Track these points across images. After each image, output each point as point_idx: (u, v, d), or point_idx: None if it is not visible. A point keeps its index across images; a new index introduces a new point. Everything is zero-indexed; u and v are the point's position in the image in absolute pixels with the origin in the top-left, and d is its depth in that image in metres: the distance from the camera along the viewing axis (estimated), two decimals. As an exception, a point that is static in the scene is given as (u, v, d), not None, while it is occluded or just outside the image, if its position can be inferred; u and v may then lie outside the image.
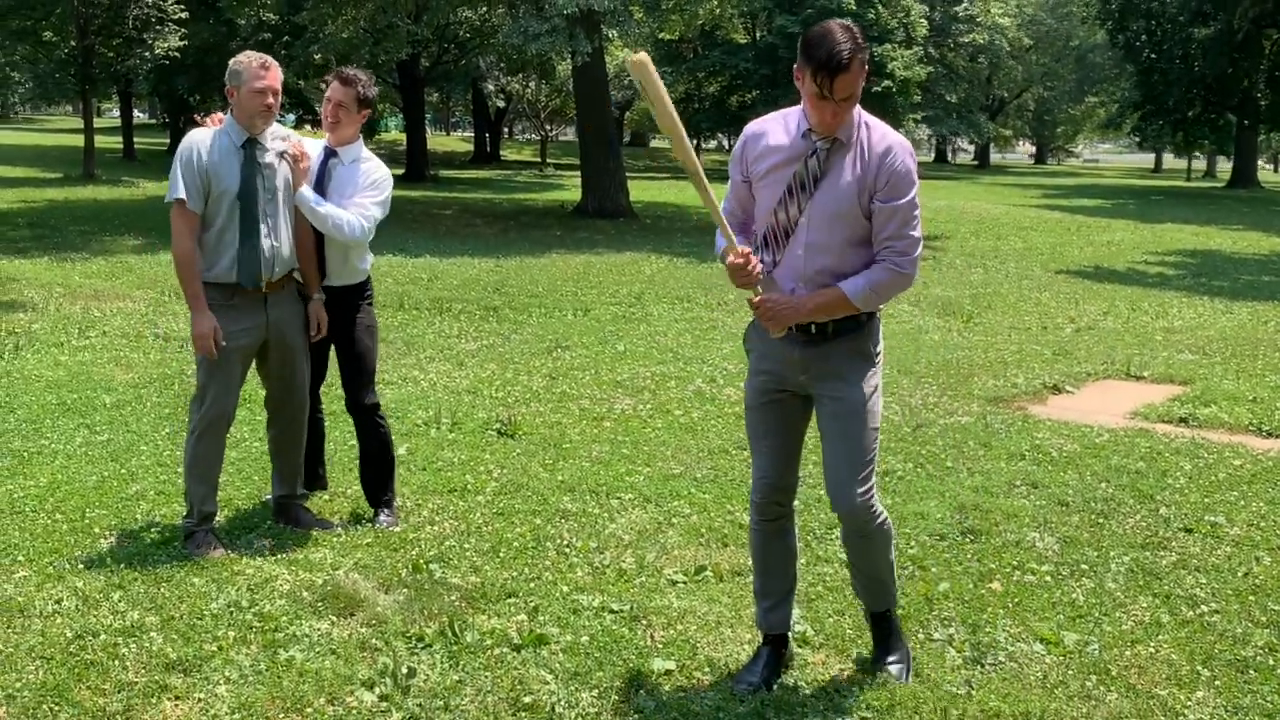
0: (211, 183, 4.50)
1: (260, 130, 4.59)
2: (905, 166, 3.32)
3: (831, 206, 3.32)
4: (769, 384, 3.54)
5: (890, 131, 3.39)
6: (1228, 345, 9.99)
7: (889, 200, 3.31)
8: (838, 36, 3.15)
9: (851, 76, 3.15)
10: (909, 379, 8.25)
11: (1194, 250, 19.90)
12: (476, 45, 33.59)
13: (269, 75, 4.53)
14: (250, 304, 4.62)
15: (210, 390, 4.62)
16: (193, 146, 4.51)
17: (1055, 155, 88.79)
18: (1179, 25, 39.94)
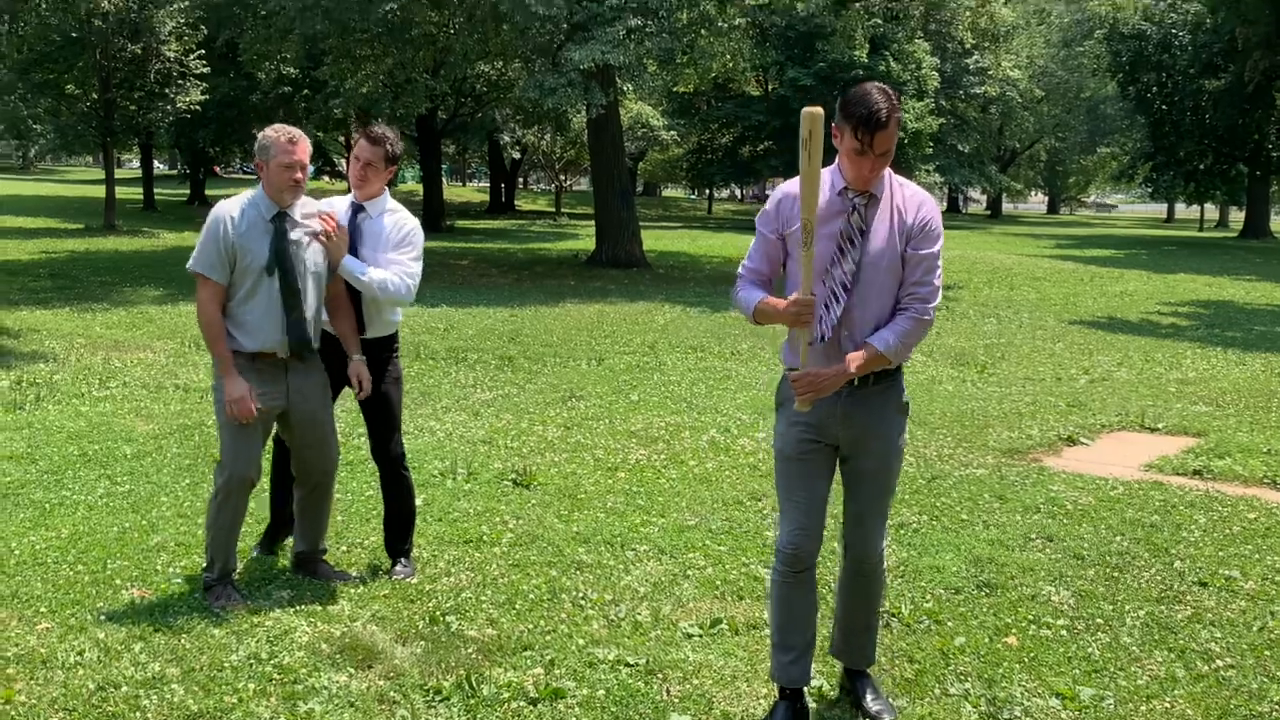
0: (239, 255, 4.52)
1: (289, 204, 4.62)
2: (936, 219, 3.56)
3: (880, 260, 3.51)
4: (807, 435, 3.64)
5: (918, 188, 3.64)
6: (1241, 397, 9.99)
7: (918, 249, 3.52)
8: (876, 97, 3.38)
9: (889, 133, 3.39)
10: (923, 430, 8.27)
11: (1207, 301, 19.91)
12: (493, 99, 33.95)
13: (297, 150, 4.56)
14: (271, 371, 4.64)
15: (231, 455, 4.62)
16: (221, 219, 4.53)
17: (1067, 205, 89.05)
18: (1189, 77, 40.18)
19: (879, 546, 3.76)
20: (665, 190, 78.03)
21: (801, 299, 3.45)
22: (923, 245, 3.52)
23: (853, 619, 3.88)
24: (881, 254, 3.50)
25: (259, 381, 4.59)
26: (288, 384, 4.68)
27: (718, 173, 46.08)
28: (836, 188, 3.53)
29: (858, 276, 3.50)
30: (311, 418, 4.76)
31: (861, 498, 3.69)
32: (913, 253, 3.52)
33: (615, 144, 22.78)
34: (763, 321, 3.66)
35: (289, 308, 4.57)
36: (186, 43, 27.76)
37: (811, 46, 37.50)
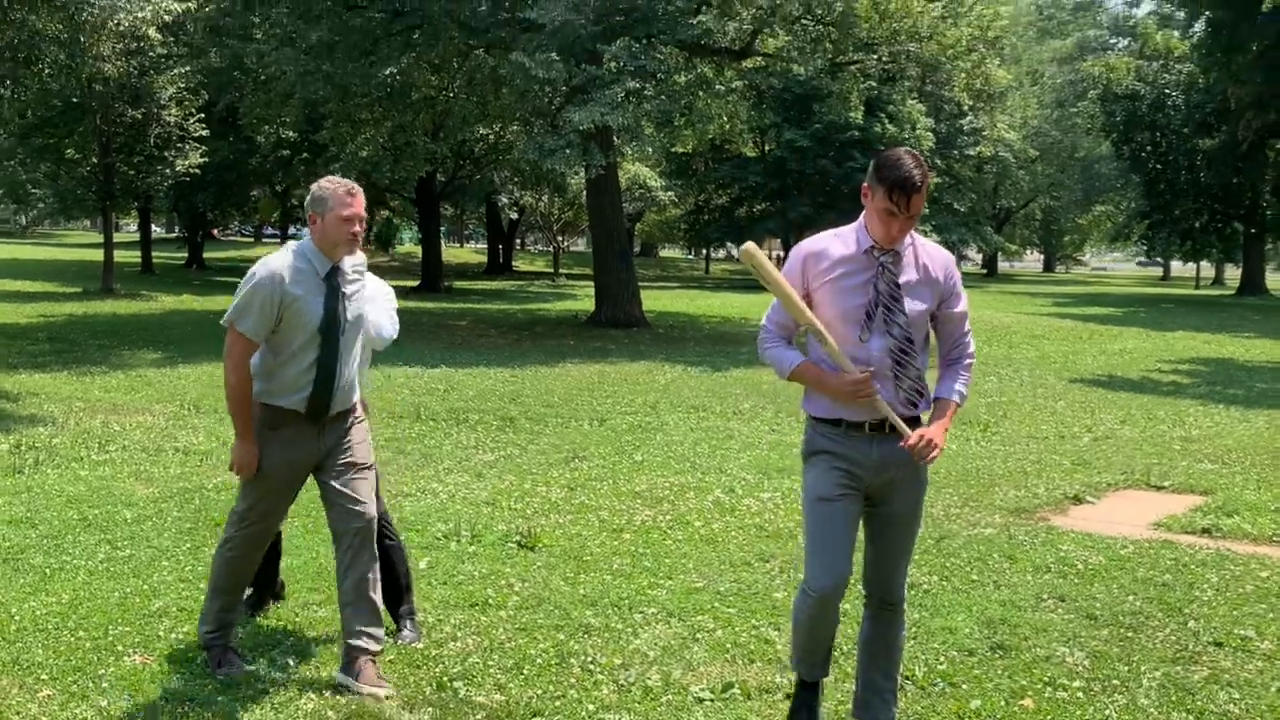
0: (290, 313, 4.28)
1: (342, 258, 4.43)
2: (959, 276, 3.82)
3: (919, 316, 3.71)
4: (846, 480, 3.75)
5: (935, 244, 3.86)
6: (1247, 455, 9.95)
7: (955, 306, 3.79)
8: (909, 162, 3.58)
9: (922, 196, 3.58)
10: (929, 489, 8.10)
11: (1207, 358, 19.92)
12: (492, 161, 34.22)
13: (355, 202, 4.37)
14: (306, 432, 4.44)
15: (257, 509, 4.50)
16: (274, 275, 4.27)
17: (1063, 264, 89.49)
18: (1183, 137, 40.55)
19: (903, 587, 3.93)
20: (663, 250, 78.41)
21: (855, 379, 3.63)
22: (956, 304, 3.79)
23: (875, 675, 3.96)
24: (919, 311, 3.70)
25: (293, 442, 4.42)
26: (322, 443, 4.49)
27: (715, 233, 46.30)
28: (863, 246, 3.70)
29: (911, 330, 3.69)
30: (350, 472, 4.50)
31: (892, 540, 3.86)
32: (950, 312, 3.78)
33: (614, 204, 22.92)
34: (799, 382, 3.81)
35: (324, 366, 4.36)
36: (186, 107, 27.98)
37: (807, 108, 37.84)
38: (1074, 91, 58.89)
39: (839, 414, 3.73)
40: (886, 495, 3.80)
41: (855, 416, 3.71)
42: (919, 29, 21.25)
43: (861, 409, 3.69)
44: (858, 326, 3.66)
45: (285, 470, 4.46)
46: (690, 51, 21.56)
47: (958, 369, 3.82)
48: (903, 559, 3.90)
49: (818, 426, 3.81)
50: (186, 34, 25.29)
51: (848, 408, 3.71)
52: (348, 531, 4.49)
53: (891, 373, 3.68)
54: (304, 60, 19.55)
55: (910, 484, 3.83)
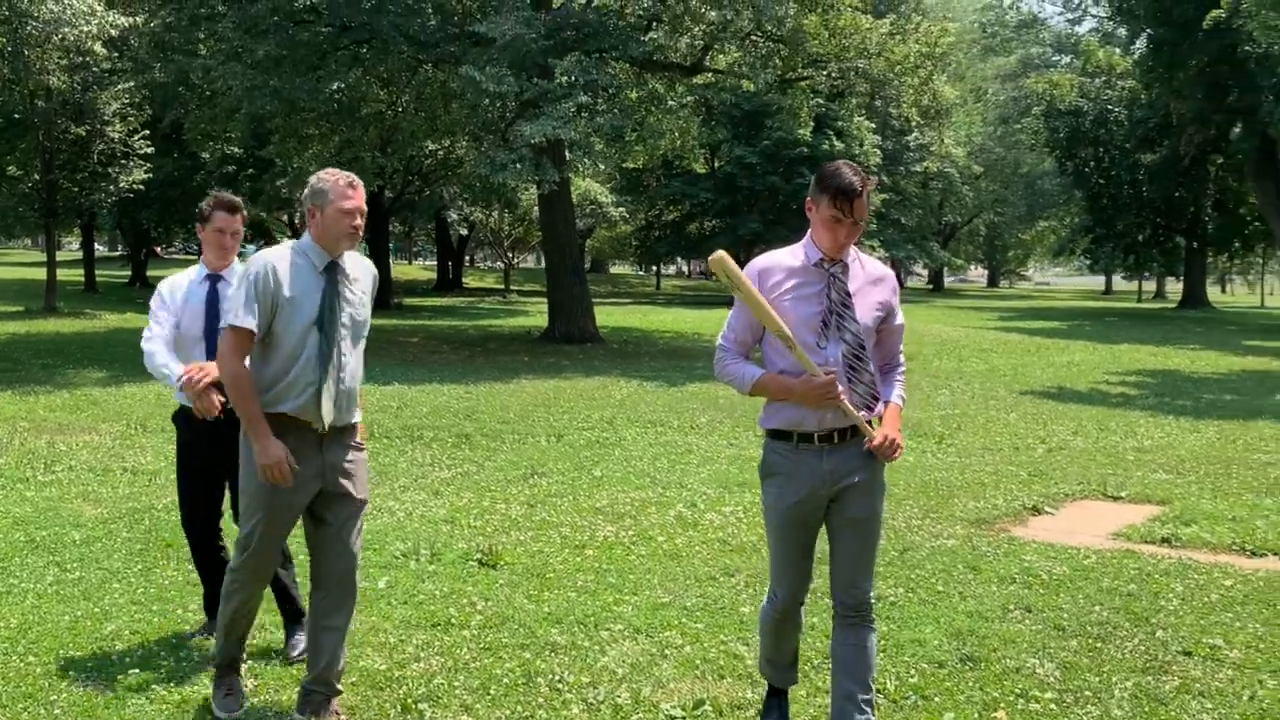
0: (284, 308, 4.07)
1: (342, 253, 4.22)
2: (898, 291, 4.00)
3: (868, 322, 3.85)
4: (803, 504, 3.88)
5: (874, 260, 4.01)
6: (1200, 464, 10.03)
7: (895, 320, 3.97)
8: (848, 170, 3.74)
9: (864, 201, 3.72)
10: (890, 501, 8.18)
11: (1154, 370, 20.15)
12: (441, 176, 34.03)
13: (356, 195, 4.16)
14: (307, 445, 4.12)
15: (258, 536, 4.16)
16: (268, 267, 4.07)
17: (1007, 278, 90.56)
18: (1126, 152, 41.16)
19: (870, 589, 3.96)
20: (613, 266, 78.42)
21: (822, 381, 3.73)
22: (897, 318, 3.97)
23: (850, 684, 3.91)
24: (867, 317, 3.84)
25: (295, 447, 4.09)
26: (323, 459, 4.17)
27: (665, 249, 46.37)
28: (813, 258, 3.84)
29: (862, 337, 3.82)
30: (345, 501, 4.24)
31: (853, 544, 3.90)
32: (890, 325, 3.94)
33: (567, 220, 22.86)
34: (761, 395, 3.90)
35: (323, 368, 4.10)
36: (131, 123, 27.57)
37: (756, 125, 38.03)
38: (1018, 108, 59.65)
39: (792, 426, 3.84)
40: (844, 502, 3.87)
41: (808, 427, 3.81)
42: (868, 46, 21.39)
43: (827, 411, 3.79)
44: (815, 334, 3.78)
45: (298, 495, 4.15)
46: (641, 67, 21.57)
47: (893, 377, 4.00)
48: (867, 564, 3.93)
49: (772, 444, 3.94)
50: (131, 49, 24.91)
51: (804, 416, 3.81)
52: (333, 574, 4.26)
53: (847, 378, 3.80)
54: (251, 75, 19.31)
55: (867, 488, 3.89)
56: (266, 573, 4.32)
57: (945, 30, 22.82)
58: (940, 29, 22.49)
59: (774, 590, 4.02)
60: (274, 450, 4.00)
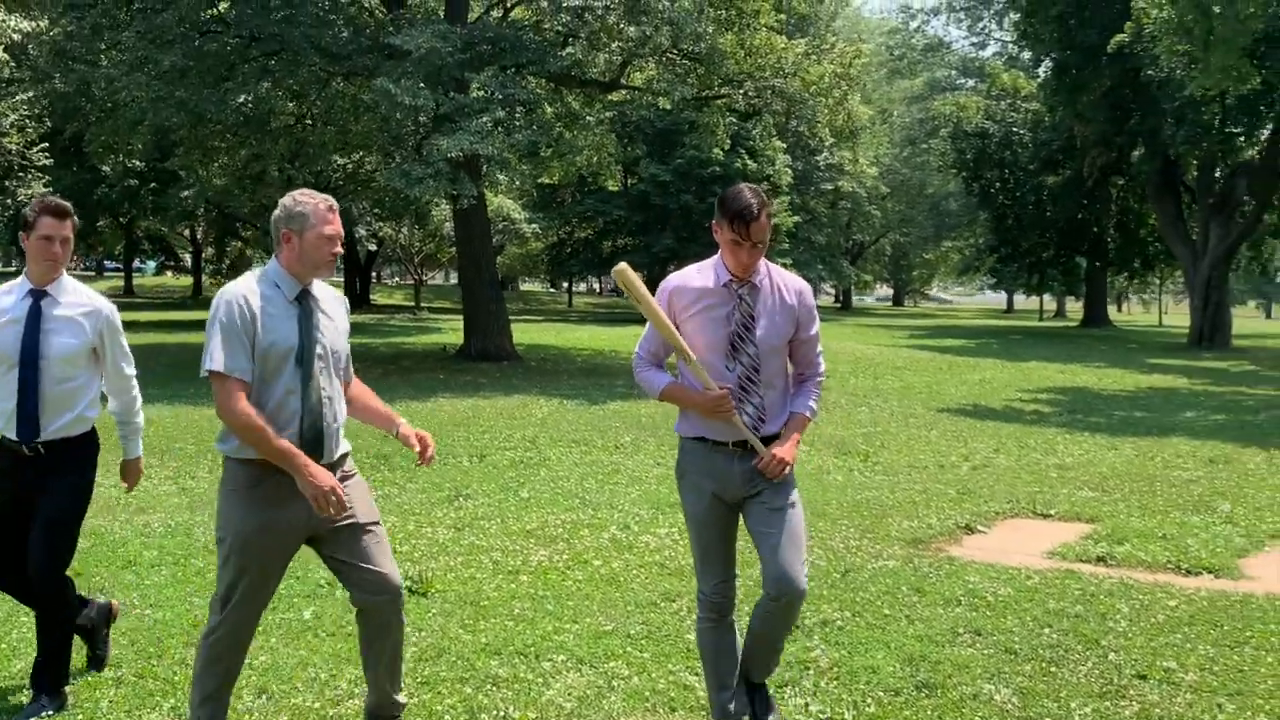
0: (259, 343, 3.74)
1: (312, 281, 3.91)
2: (813, 301, 4.10)
3: (774, 342, 3.96)
4: (717, 501, 4.02)
5: (789, 274, 4.12)
6: (1123, 482, 10.10)
7: (809, 330, 4.06)
8: (747, 194, 3.87)
9: (762, 224, 3.84)
10: (824, 521, 8.09)
11: (1064, 388, 20.44)
12: (350, 191, 33.47)
13: (336, 219, 3.88)
14: (287, 487, 3.77)
15: (240, 587, 3.80)
16: (235, 301, 3.73)
17: (911, 297, 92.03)
18: (1030, 173, 41.99)
19: (803, 581, 3.94)
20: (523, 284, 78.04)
21: (715, 396, 3.89)
22: (810, 328, 4.07)
23: (764, 645, 4.10)
24: (772, 337, 3.95)
25: (279, 498, 3.77)
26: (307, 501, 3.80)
27: (578, 266, 46.21)
28: (721, 279, 3.97)
29: (759, 360, 3.93)
30: (354, 529, 3.91)
31: (775, 538, 3.93)
32: (804, 337, 4.04)
33: (483, 235, 22.55)
34: (669, 402, 4.07)
35: (306, 402, 3.80)
36: (29, 135, 26.69)
37: (671, 143, 38.10)
38: (924, 130, 60.62)
39: (704, 433, 3.99)
40: (761, 498, 3.98)
41: (718, 436, 3.97)
42: (783, 65, 21.47)
43: (720, 426, 3.95)
44: (723, 357, 3.93)
45: (268, 536, 3.80)
46: (558, 83, 21.40)
47: (809, 386, 4.11)
48: (796, 552, 3.94)
49: (685, 445, 4.11)
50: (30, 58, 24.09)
51: (711, 426, 3.97)
52: (375, 605, 3.94)
53: (738, 399, 3.94)
54: (156, 86, 18.74)
55: (779, 485, 4.00)
56: (250, 629, 3.92)
57: (859, 51, 23.01)
58: (854, 50, 22.67)
59: (701, 592, 4.11)
60: (325, 478, 3.69)
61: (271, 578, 3.89)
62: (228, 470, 3.86)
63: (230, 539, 3.80)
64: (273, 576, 3.90)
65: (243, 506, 3.80)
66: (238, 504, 3.81)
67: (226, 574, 3.82)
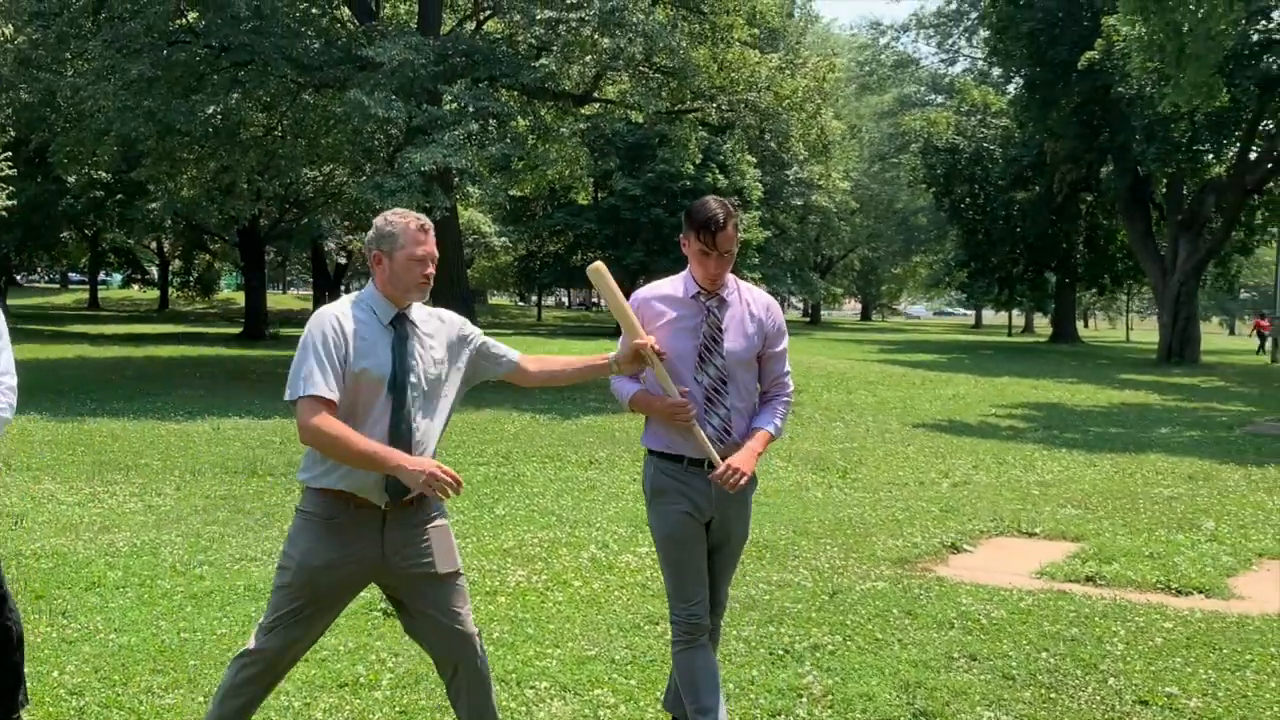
0: (349, 369, 3.54)
1: (409, 305, 3.70)
2: (782, 318, 4.14)
3: (741, 357, 3.98)
4: (691, 516, 3.99)
5: (758, 290, 4.17)
6: (1106, 499, 10.00)
7: (778, 346, 4.09)
8: (714, 204, 3.92)
9: (729, 234, 3.88)
10: (807, 540, 7.93)
11: (1037, 403, 20.41)
12: (320, 204, 33.17)
13: (429, 239, 3.68)
14: (363, 524, 3.59)
15: (288, 618, 3.60)
16: (329, 323, 3.55)
17: (880, 311, 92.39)
18: (1001, 189, 42.16)
19: (725, 605, 4.25)
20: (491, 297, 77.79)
21: (675, 402, 3.89)
22: (778, 343, 4.09)
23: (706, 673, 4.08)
24: (741, 352, 3.97)
25: (344, 538, 3.58)
26: (382, 541, 3.62)
27: (549, 279, 46.04)
28: (690, 292, 4.01)
29: (726, 372, 3.95)
30: (426, 582, 3.69)
31: (723, 565, 4.13)
32: (772, 352, 4.06)
33: (455, 248, 22.30)
34: (637, 410, 4.06)
35: (394, 433, 3.56)
36: (-7, 145, 26.32)
37: (641, 157, 38.01)
38: (894, 145, 60.87)
39: (680, 450, 3.97)
40: (723, 524, 4.04)
41: (694, 453, 3.95)
42: (756, 80, 21.39)
43: (679, 435, 3.94)
44: (692, 368, 3.94)
45: (332, 573, 3.59)
46: (531, 95, 21.23)
47: (776, 403, 4.10)
48: (727, 581, 4.21)
49: (659, 463, 4.05)
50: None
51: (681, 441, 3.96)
52: (452, 660, 3.76)
53: (704, 409, 3.95)
54: (123, 96, 18.42)
55: (740, 514, 4.11)
56: (286, 666, 3.72)
57: (832, 66, 22.98)
58: (828, 64, 22.63)
59: (676, 613, 4.01)
60: (423, 464, 3.43)
61: (323, 615, 3.68)
62: (305, 498, 3.67)
63: (293, 568, 3.60)
64: (325, 614, 3.69)
65: (314, 537, 3.60)
66: (309, 533, 3.61)
67: (278, 600, 3.63)
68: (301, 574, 3.58)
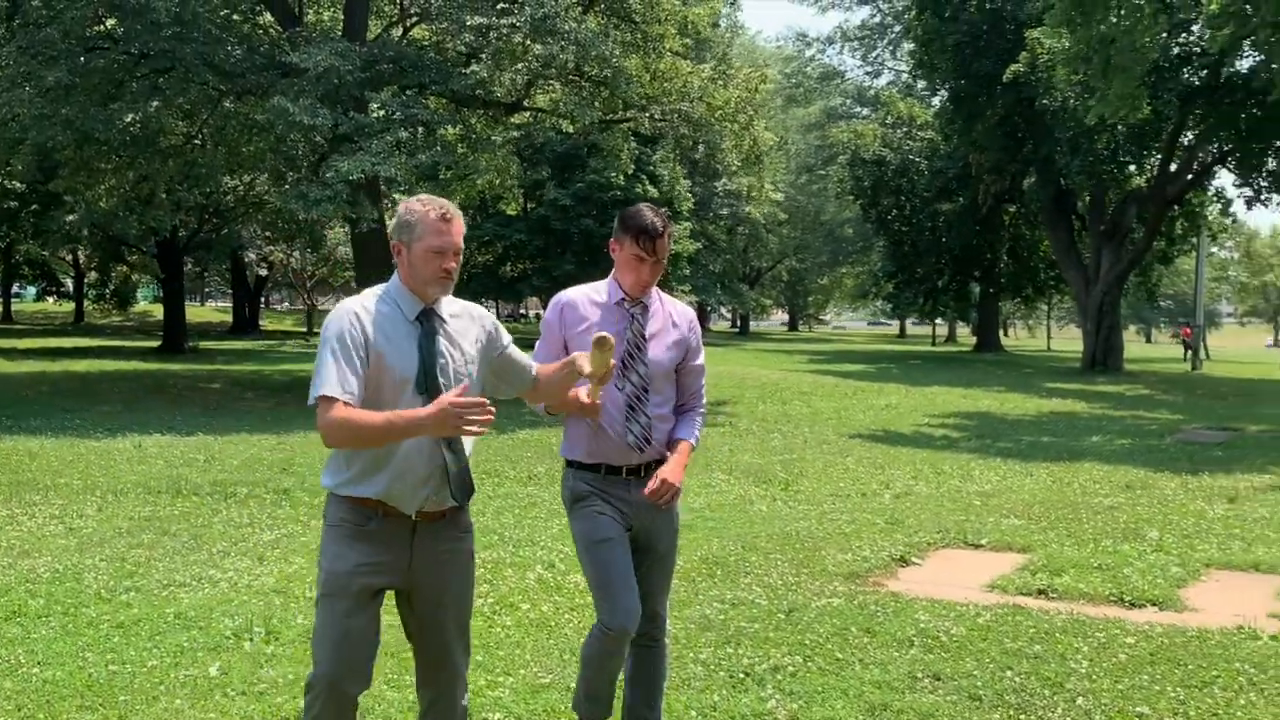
0: (374, 367, 3.32)
1: (434, 299, 3.46)
2: (700, 333, 4.16)
3: (663, 365, 3.99)
4: (615, 520, 3.93)
5: (679, 302, 4.20)
6: (1047, 510, 9.96)
7: (696, 360, 4.12)
8: (649, 211, 3.93)
9: (665, 242, 3.93)
10: (756, 555, 7.78)
11: (969, 412, 20.51)
12: (240, 214, 32.50)
13: (450, 229, 3.40)
14: (393, 533, 3.41)
15: (328, 633, 3.38)
16: (348, 319, 3.33)
17: (805, 322, 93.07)
18: (926, 201, 42.56)
19: (666, 619, 4.18)
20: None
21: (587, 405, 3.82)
22: (697, 358, 4.12)
23: (640, 706, 4.13)
24: (664, 361, 4.00)
25: (373, 546, 3.39)
26: (411, 553, 3.44)
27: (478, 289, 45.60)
28: (614, 298, 4.00)
29: (648, 380, 3.97)
30: (438, 602, 3.55)
31: (654, 577, 4.05)
32: (691, 365, 4.09)
33: (383, 259, 21.86)
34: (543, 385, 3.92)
35: (421, 442, 3.33)
36: (-100, 153, 25.35)
37: (571, 167, 37.83)
38: (821, 157, 61.29)
39: (598, 459, 3.97)
40: (649, 534, 4.00)
41: (614, 461, 3.93)
42: (689, 90, 21.30)
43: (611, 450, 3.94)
44: (616, 373, 3.86)
45: (358, 578, 3.39)
46: (460, 103, 20.93)
47: (693, 415, 4.12)
48: (663, 592, 4.13)
49: (578, 472, 4.03)
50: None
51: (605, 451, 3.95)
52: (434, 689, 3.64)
53: (625, 418, 3.94)
54: (38, 104, 17.82)
55: (666, 522, 4.05)
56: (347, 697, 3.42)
57: (764, 77, 22.96)
58: (760, 75, 22.61)
59: (605, 622, 3.88)
60: (437, 405, 3.14)
61: (356, 632, 3.39)
62: (330, 506, 3.48)
63: (323, 577, 3.44)
64: (357, 631, 3.40)
65: (341, 543, 3.42)
66: (336, 539, 3.44)
67: (317, 617, 3.45)
68: (330, 584, 3.40)
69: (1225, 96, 27.92)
